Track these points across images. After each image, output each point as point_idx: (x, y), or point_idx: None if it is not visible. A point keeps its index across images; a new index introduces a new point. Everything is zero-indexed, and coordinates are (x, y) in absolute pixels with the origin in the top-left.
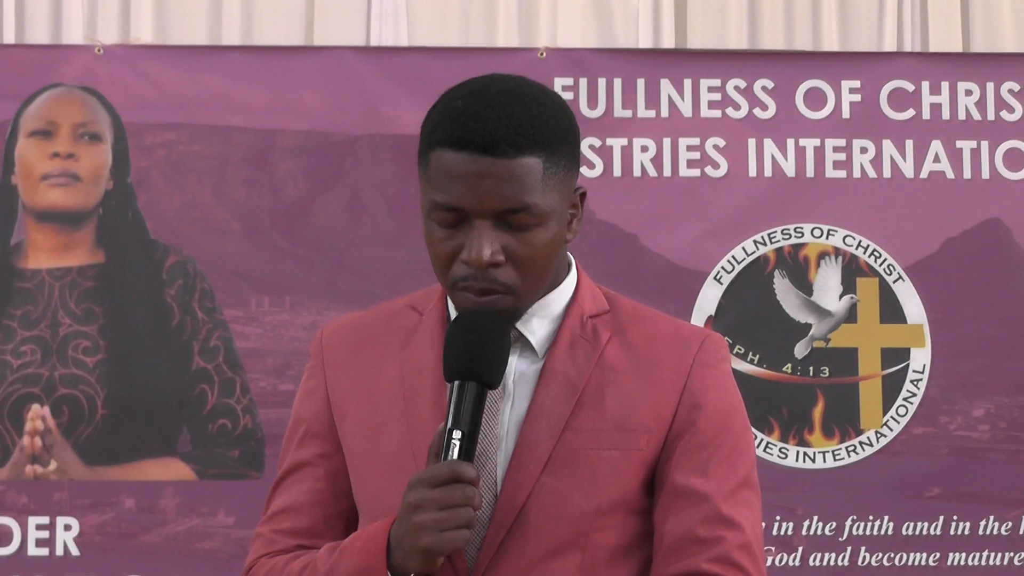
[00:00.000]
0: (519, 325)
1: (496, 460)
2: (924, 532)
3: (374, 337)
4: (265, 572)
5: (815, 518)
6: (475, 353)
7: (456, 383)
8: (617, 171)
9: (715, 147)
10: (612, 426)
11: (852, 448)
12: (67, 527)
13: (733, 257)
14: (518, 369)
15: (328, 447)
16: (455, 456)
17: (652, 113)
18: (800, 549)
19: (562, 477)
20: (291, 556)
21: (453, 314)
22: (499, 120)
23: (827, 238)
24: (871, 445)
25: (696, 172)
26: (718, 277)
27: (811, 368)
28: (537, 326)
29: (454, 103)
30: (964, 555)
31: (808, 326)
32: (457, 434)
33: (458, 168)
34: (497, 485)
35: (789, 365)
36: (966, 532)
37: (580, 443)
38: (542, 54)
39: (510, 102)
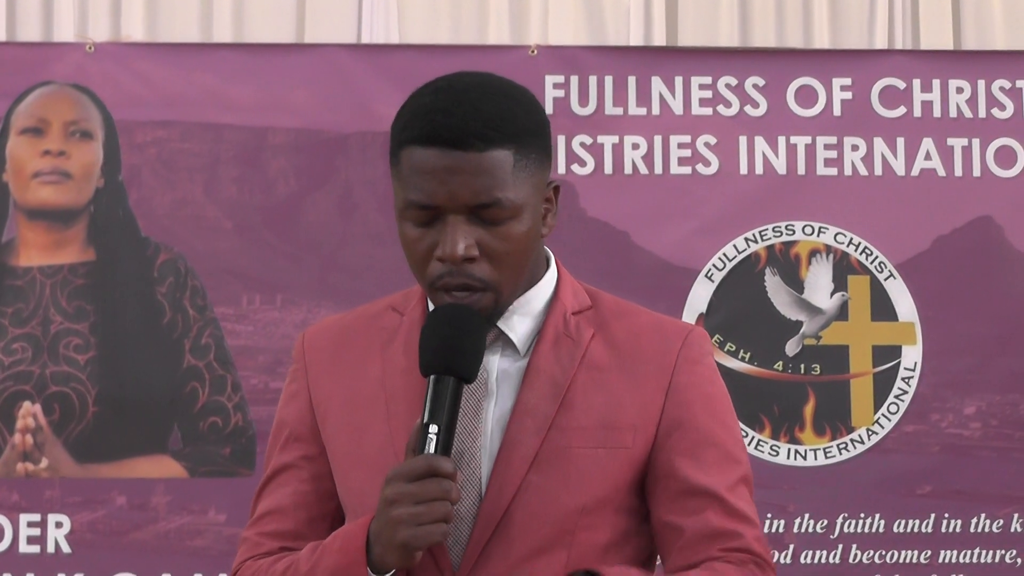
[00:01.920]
0: (500, 323)
1: (480, 459)
2: (915, 530)
3: (356, 338)
4: (250, 575)
5: (806, 516)
6: (450, 347)
7: (432, 378)
8: (608, 169)
9: (706, 145)
10: (598, 424)
11: (843, 446)
12: (58, 524)
13: (724, 255)
14: (500, 368)
15: (312, 450)
16: (432, 451)
17: (643, 111)
18: (791, 547)
19: (548, 476)
20: (275, 558)
21: None
22: (467, 114)
23: (818, 236)
24: (862, 443)
25: (687, 170)
26: (709, 275)
27: (802, 366)
28: (518, 323)
29: (422, 100)
30: (955, 553)
31: (799, 323)
32: (434, 428)
33: (428, 164)
34: (482, 484)
35: (780, 363)
36: (957, 530)
37: (566, 442)
38: (533, 52)
39: (478, 97)
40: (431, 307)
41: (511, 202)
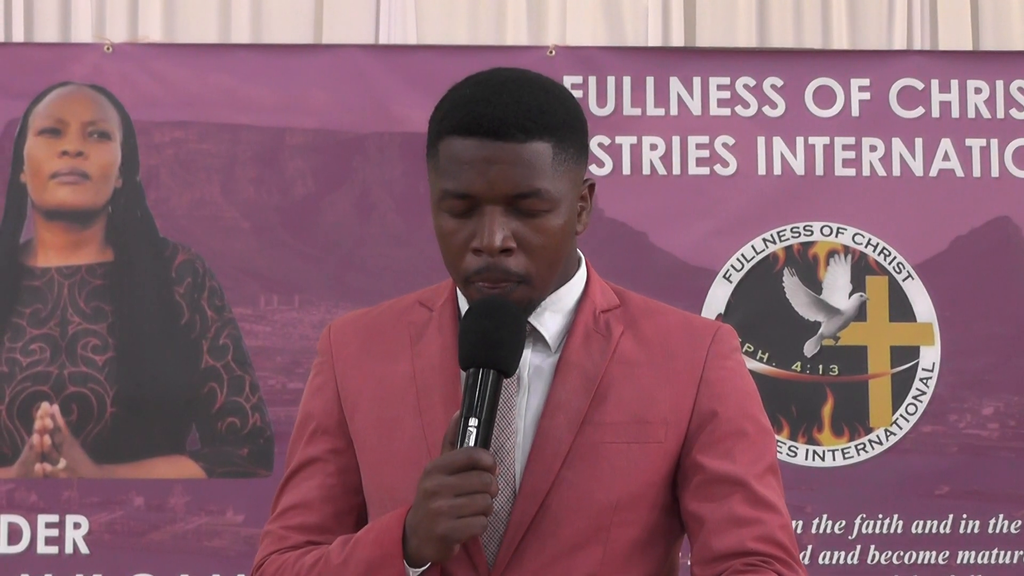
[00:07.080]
0: (532, 319)
1: (514, 455)
2: (933, 530)
3: (383, 333)
4: (276, 568)
5: (824, 516)
6: (491, 340)
7: (472, 371)
8: (626, 169)
9: (724, 145)
10: (630, 419)
11: (861, 446)
12: (76, 525)
13: (742, 255)
14: (533, 363)
15: (339, 443)
16: (471, 444)
17: (661, 111)
18: (809, 547)
19: (582, 471)
20: (302, 551)
21: (464, 308)
22: (508, 105)
23: (836, 236)
24: (880, 443)
25: (705, 170)
26: (727, 275)
27: (820, 366)
28: (549, 320)
29: (461, 92)
30: (973, 553)
31: (817, 324)
32: (473, 421)
33: (468, 154)
34: (516, 480)
35: (798, 363)
36: (975, 530)
37: (599, 437)
38: (551, 52)
39: (518, 89)
40: (462, 302)
41: (549, 194)
